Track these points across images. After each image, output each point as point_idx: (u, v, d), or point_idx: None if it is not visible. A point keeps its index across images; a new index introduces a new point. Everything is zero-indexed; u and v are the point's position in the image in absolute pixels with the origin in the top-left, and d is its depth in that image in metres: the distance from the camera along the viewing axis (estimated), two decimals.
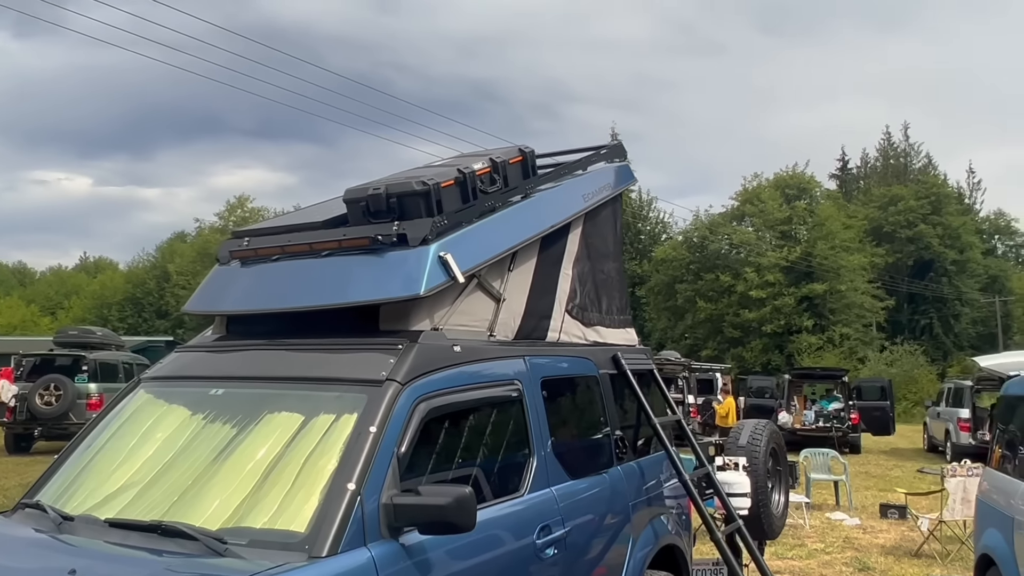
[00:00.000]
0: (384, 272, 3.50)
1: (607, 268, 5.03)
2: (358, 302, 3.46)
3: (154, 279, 60.30)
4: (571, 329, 4.59)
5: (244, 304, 3.84)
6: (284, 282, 3.72)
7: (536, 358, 4.01)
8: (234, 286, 3.90)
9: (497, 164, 4.18)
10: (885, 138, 59.57)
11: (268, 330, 3.72)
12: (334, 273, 3.60)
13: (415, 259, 3.46)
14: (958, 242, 51.42)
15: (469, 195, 3.94)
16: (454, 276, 3.48)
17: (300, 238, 3.81)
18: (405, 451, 3.01)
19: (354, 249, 3.60)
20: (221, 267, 4.01)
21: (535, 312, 4.28)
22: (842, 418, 19.70)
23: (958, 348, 50.46)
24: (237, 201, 56.85)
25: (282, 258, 3.78)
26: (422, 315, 3.52)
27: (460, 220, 3.76)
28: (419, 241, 3.50)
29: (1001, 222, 61.51)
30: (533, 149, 4.53)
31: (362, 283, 3.51)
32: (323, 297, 3.54)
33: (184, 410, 3.46)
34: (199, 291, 4.08)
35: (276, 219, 4.51)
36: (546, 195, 4.45)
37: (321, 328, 3.56)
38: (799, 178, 47.15)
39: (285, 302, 3.66)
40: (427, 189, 3.68)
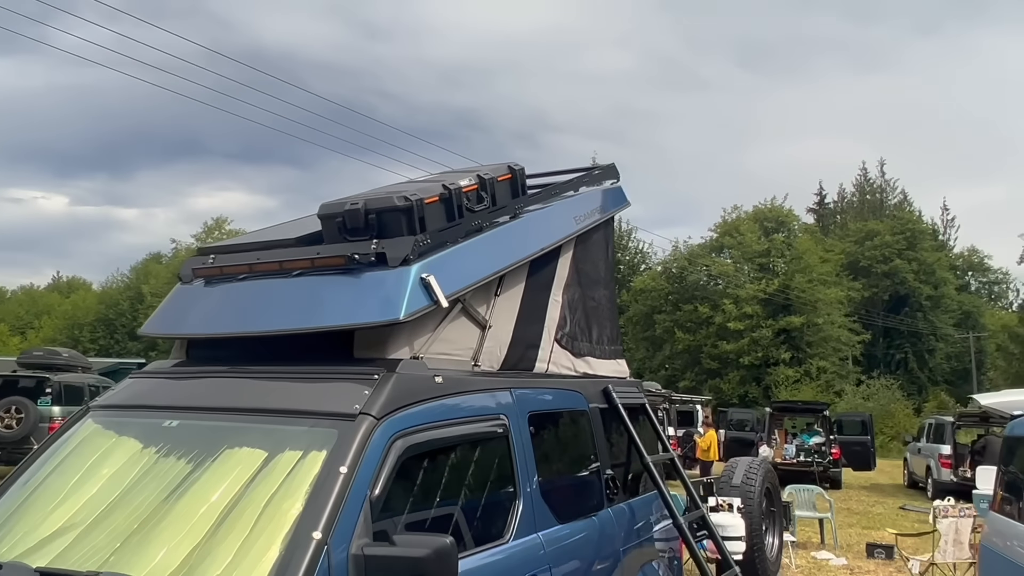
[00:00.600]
0: (360, 294, 3.21)
1: (598, 295, 4.76)
2: (330, 327, 3.17)
3: (127, 300, 59.37)
4: (560, 360, 4.30)
5: (206, 327, 3.53)
6: (250, 304, 3.43)
7: (523, 391, 3.72)
8: (196, 307, 3.60)
9: (485, 181, 3.91)
10: (862, 174, 60.27)
11: (231, 356, 3.41)
12: (305, 295, 3.30)
13: (395, 281, 3.18)
14: (933, 278, 51.90)
15: (455, 213, 3.66)
16: (437, 300, 3.19)
17: (270, 256, 3.52)
18: (379, 494, 2.69)
19: (328, 269, 3.31)
20: (183, 286, 3.72)
21: (522, 341, 3.99)
22: (823, 453, 19.47)
23: (932, 383, 50.72)
24: (215, 223, 56.29)
25: (249, 277, 3.49)
26: (401, 342, 3.22)
27: (444, 240, 3.48)
28: (399, 261, 3.21)
29: (975, 259, 62.20)
30: (523, 167, 4.27)
31: (336, 306, 3.21)
32: (292, 320, 3.25)
33: (134, 443, 3.13)
34: (158, 312, 3.78)
35: (246, 235, 4.21)
36: (536, 216, 4.19)
37: (289, 355, 3.26)
38: (777, 211, 47.44)
39: (250, 325, 3.37)
40: (409, 205, 3.40)
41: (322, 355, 3.21)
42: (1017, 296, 63.24)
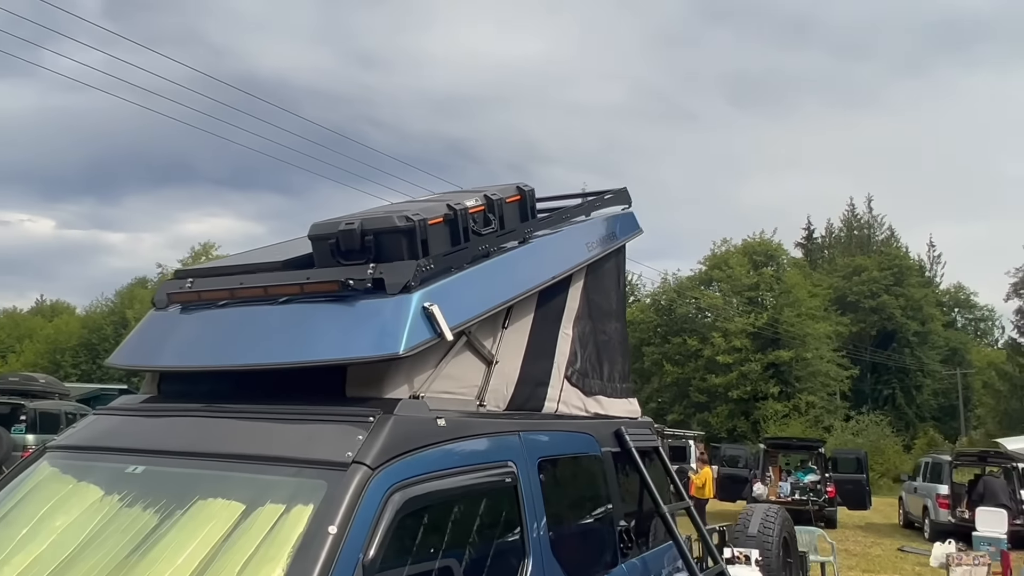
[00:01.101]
0: (355, 324, 2.86)
1: (609, 329, 4.42)
2: (320, 361, 2.81)
3: (111, 325, 58.51)
4: (570, 399, 3.95)
5: (180, 359, 3.17)
6: (231, 333, 3.08)
7: (533, 434, 3.36)
8: (170, 337, 3.25)
9: (493, 202, 3.59)
10: (849, 209, 60.50)
11: (207, 393, 3.05)
12: (293, 324, 2.95)
13: (394, 310, 2.83)
14: (920, 314, 51.99)
15: (460, 236, 3.33)
16: (441, 332, 2.84)
17: (255, 280, 3.17)
18: (373, 557, 2.32)
19: (319, 296, 2.97)
20: (156, 313, 3.37)
21: (531, 378, 3.64)
22: (819, 491, 19.10)
23: (920, 419, 50.58)
24: (202, 248, 55.58)
25: (230, 304, 3.15)
26: (399, 379, 2.87)
27: (449, 265, 3.14)
28: (399, 288, 2.87)
29: (961, 295, 62.49)
30: (533, 188, 3.95)
31: (327, 337, 2.86)
32: (277, 353, 2.90)
33: (94, 491, 2.76)
34: (128, 341, 3.42)
35: (229, 258, 3.87)
36: (546, 241, 3.85)
37: (273, 392, 2.91)
38: (766, 245, 47.39)
39: (229, 358, 3.01)
40: (411, 226, 3.07)
41: (310, 393, 2.85)
42: (1002, 333, 63.60)
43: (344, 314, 2.89)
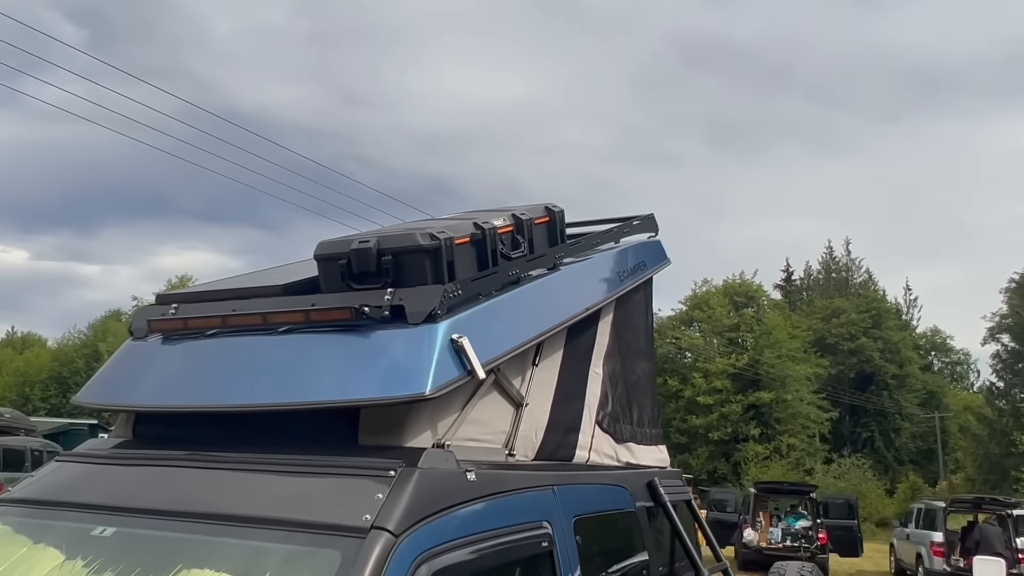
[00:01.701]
0: (370, 359, 2.46)
1: (638, 368, 4.02)
2: (329, 402, 2.41)
3: (83, 358, 57.22)
4: (602, 446, 3.53)
5: (160, 398, 2.76)
6: (221, 368, 2.67)
7: (567, 489, 2.93)
8: (149, 371, 2.83)
9: (522, 223, 3.21)
10: (827, 252, 60.82)
11: (192, 438, 2.63)
12: (296, 358, 2.55)
13: (418, 343, 2.43)
14: (898, 356, 52.11)
15: (488, 259, 2.94)
16: (472, 370, 2.44)
17: (250, 307, 2.76)
18: None
19: (327, 324, 2.57)
20: (134, 343, 2.94)
21: (561, 423, 3.23)
22: (810, 537, 18.67)
23: (899, 462, 50.43)
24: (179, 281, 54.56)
25: (222, 334, 2.74)
26: (422, 425, 2.47)
27: (477, 292, 2.75)
28: (423, 317, 2.48)
29: (937, 339, 62.82)
30: (562, 209, 3.57)
31: (336, 374, 2.46)
32: (277, 392, 2.50)
33: (52, 555, 2.31)
34: (100, 375, 3.00)
35: (219, 281, 3.44)
36: (577, 269, 3.47)
37: (272, 439, 2.50)
38: (747, 286, 47.44)
39: (220, 397, 2.62)
40: (436, 245, 2.68)
41: (317, 440, 2.45)
42: (978, 377, 63.93)
43: (357, 347, 2.49)
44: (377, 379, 2.40)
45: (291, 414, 2.51)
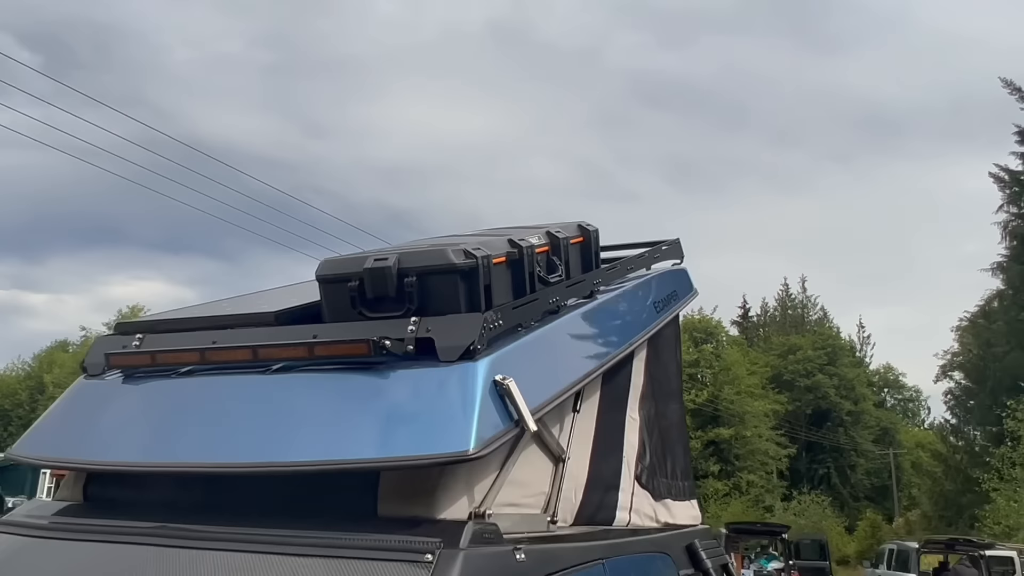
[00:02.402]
0: (393, 407, 2.02)
1: (670, 412, 3.63)
2: (341, 462, 1.93)
3: (27, 390, 55.17)
4: (642, 505, 3.12)
5: (120, 452, 2.23)
6: (201, 416, 2.19)
7: (616, 561, 2.48)
8: (106, 417, 2.33)
9: (559, 242, 2.78)
10: (784, 289, 61.46)
11: (162, 505, 2.14)
12: (295, 404, 2.09)
13: (454, 385, 2.00)
14: (852, 393, 52.70)
15: (525, 283, 2.51)
16: (520, 420, 2.02)
17: (235, 339, 2.30)
18: None
19: (336, 361, 2.11)
20: (87, 382, 2.43)
21: (600, 480, 2.78)
22: None
23: (854, 499, 50.74)
24: (130, 311, 52.87)
25: (199, 371, 2.26)
26: (457, 489, 1.98)
27: (516, 323, 2.32)
28: (459, 352, 2.04)
29: (890, 376, 63.73)
30: (597, 229, 3.19)
31: (349, 425, 2.01)
32: (272, 448, 2.00)
33: None
34: (44, 421, 2.46)
35: (190, 308, 2.93)
36: (616, 299, 3.04)
37: (265, 508, 2.03)
38: (706, 322, 47.64)
39: (199, 454, 2.10)
40: (472, 265, 2.24)
41: (323, 510, 1.99)
42: (928, 414, 64.94)
43: (375, 390, 2.05)
44: (404, 432, 1.95)
45: (290, 477, 2.01)
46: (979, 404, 39.18)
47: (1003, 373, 36.03)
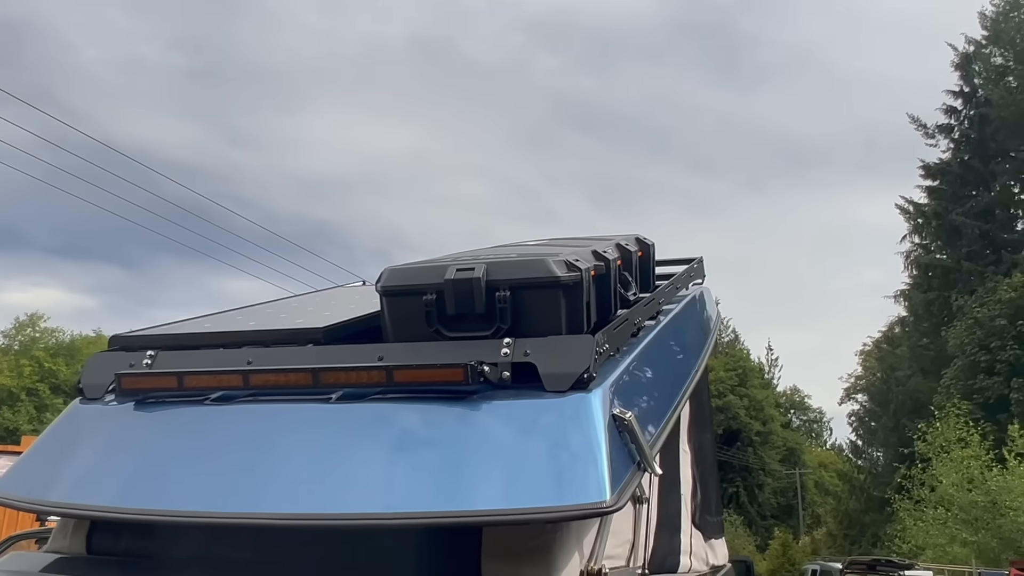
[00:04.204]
0: (500, 447, 1.72)
1: (707, 443, 3.41)
2: (444, 516, 1.59)
3: None
4: (697, 548, 2.89)
5: (139, 496, 1.80)
6: (243, 454, 1.83)
7: None
8: (116, 452, 1.95)
9: (631, 256, 2.55)
10: None
11: (194, 563, 1.80)
12: (372, 442, 1.77)
13: (571, 421, 1.72)
14: (762, 414, 54.07)
15: (611, 301, 2.27)
16: (645, 461, 1.75)
17: (279, 358, 1.96)
18: None
19: (417, 388, 1.80)
20: (86, 406, 2.06)
21: (666, 522, 2.56)
22: None
23: (761, 517, 51.95)
24: (28, 319, 49.89)
25: (235, 399, 1.91)
26: (571, 545, 1.71)
27: (616, 345, 2.05)
28: (570, 381, 1.76)
29: (796, 397, 65.79)
30: (654, 243, 2.94)
31: (447, 470, 1.69)
32: (343, 497, 1.67)
33: None
34: (33, 453, 2.06)
35: (203, 319, 2.56)
36: (678, 320, 2.80)
37: (325, 568, 1.73)
38: None
39: (245, 502, 1.71)
40: (576, 279, 1.98)
41: (400, 572, 1.69)
42: (831, 435, 67.36)
43: (473, 426, 1.75)
44: (519, 478, 1.64)
45: (365, 532, 1.70)
46: (882, 426, 40.73)
47: (905, 396, 37.57)
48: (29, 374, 43.87)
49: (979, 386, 29.18)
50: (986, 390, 28.97)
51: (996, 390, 28.80)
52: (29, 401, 43.41)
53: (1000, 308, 29.57)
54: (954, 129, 37.76)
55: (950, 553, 20.78)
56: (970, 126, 37.04)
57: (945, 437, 23.98)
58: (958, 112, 37.55)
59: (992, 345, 29.30)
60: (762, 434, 53.74)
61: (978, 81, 37.07)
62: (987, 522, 20.15)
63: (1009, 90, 34.75)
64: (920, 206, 38.28)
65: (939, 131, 37.75)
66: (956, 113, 37.61)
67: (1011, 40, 35.23)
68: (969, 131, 37.05)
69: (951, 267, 35.95)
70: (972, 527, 20.48)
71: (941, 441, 23.95)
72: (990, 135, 35.74)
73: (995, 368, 29.13)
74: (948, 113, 37.64)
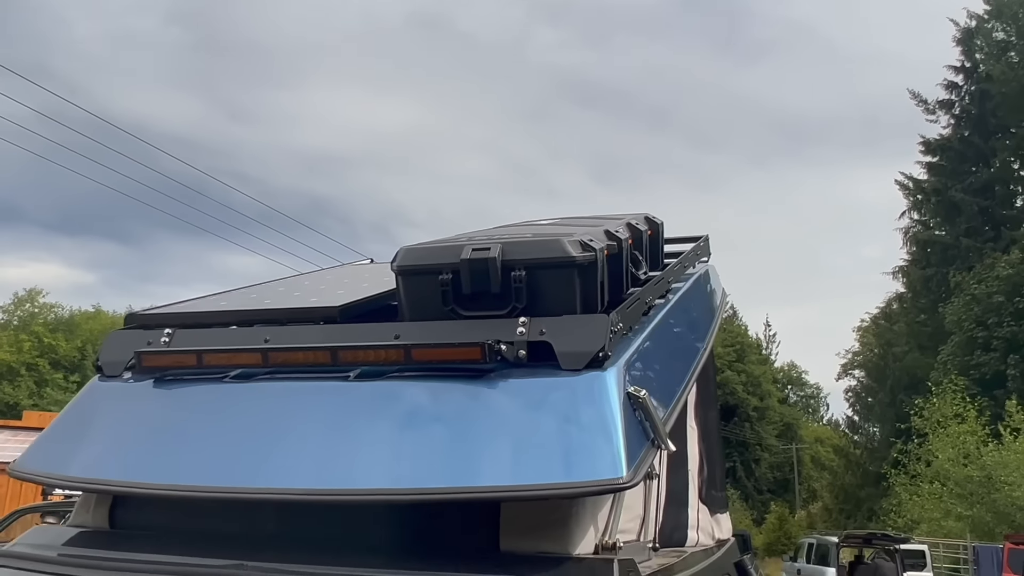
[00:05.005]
0: (516, 425, 1.73)
1: (712, 419, 3.46)
2: (454, 491, 1.63)
3: None
4: (704, 523, 2.94)
5: (163, 472, 1.83)
6: (266, 430, 1.84)
7: None
8: (137, 427, 1.97)
9: (641, 235, 2.56)
10: None
11: (218, 538, 1.80)
12: (392, 419, 1.79)
13: (586, 399, 1.73)
14: (759, 389, 54.33)
15: (623, 280, 2.29)
16: (659, 439, 1.77)
17: (297, 336, 2.00)
18: None
19: (436, 366, 1.83)
20: (105, 384, 2.09)
21: (674, 497, 2.59)
22: None
23: (758, 492, 52.39)
24: (27, 294, 49.88)
25: (254, 377, 1.94)
26: (586, 520, 1.74)
27: (629, 324, 2.05)
28: (586, 360, 1.78)
29: (793, 373, 66.07)
30: (663, 222, 2.96)
31: (466, 447, 1.71)
32: (361, 472, 1.70)
33: None
34: (53, 430, 2.08)
35: (218, 297, 2.58)
36: (686, 298, 2.79)
37: (354, 543, 1.72)
38: None
39: (270, 477, 1.73)
40: (591, 259, 1.98)
41: (427, 545, 1.71)
42: (827, 410, 67.76)
43: (490, 403, 1.77)
44: (536, 455, 1.65)
45: (386, 507, 1.72)
46: (879, 401, 40.98)
47: (902, 372, 37.77)
48: (28, 349, 43.98)
49: (976, 362, 29.35)
50: (983, 366, 29.15)
51: (993, 366, 28.97)
52: (29, 376, 43.55)
53: (998, 284, 29.69)
54: (955, 105, 37.69)
55: (945, 527, 20.98)
56: (971, 102, 36.96)
57: (942, 413, 24.13)
58: (959, 88, 37.46)
59: (989, 321, 29.45)
60: (759, 409, 54.06)
61: (979, 56, 36.94)
62: (982, 496, 20.34)
63: (1011, 65, 34.63)
64: (920, 182, 38.29)
65: (940, 107, 37.71)
66: (957, 89, 37.52)
67: (1013, 15, 35.06)
68: (970, 107, 36.98)
69: (950, 243, 36.02)
70: (967, 501, 20.67)
71: (938, 417, 24.11)
72: (991, 111, 35.67)
73: (992, 344, 29.30)
74: (949, 88, 37.56)
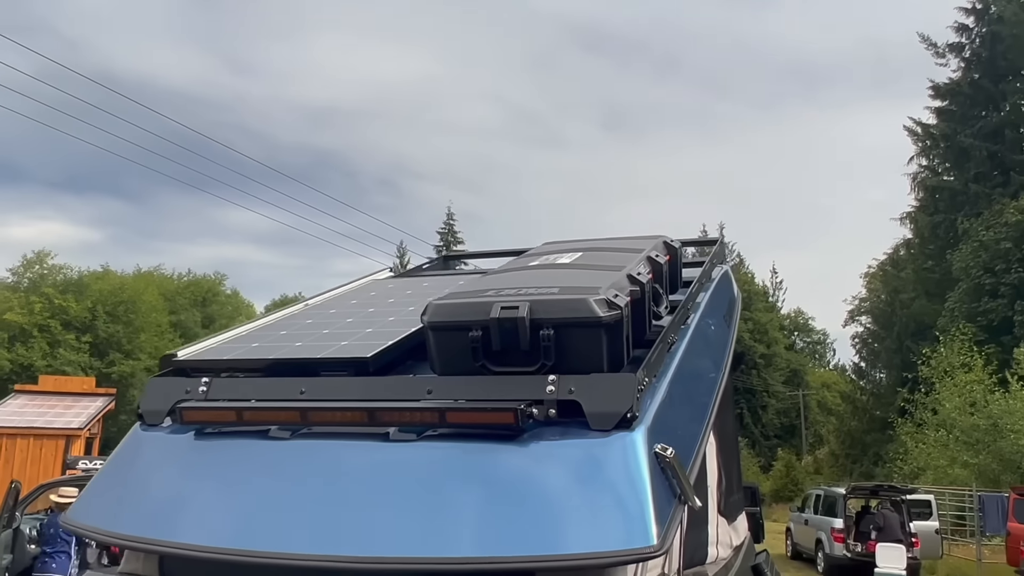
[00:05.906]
0: (547, 490, 1.79)
1: (728, 422, 3.53)
2: (487, 561, 1.69)
3: None
4: (723, 536, 3.02)
5: (206, 536, 1.90)
6: (306, 492, 1.92)
7: None
8: (182, 483, 2.07)
9: (662, 269, 2.61)
10: (703, 235, 62.63)
11: None
12: (427, 484, 1.86)
13: (616, 463, 1.80)
14: (766, 337, 54.51)
15: (645, 323, 2.34)
16: (685, 496, 1.85)
17: (331, 389, 2.09)
18: None
19: (467, 428, 1.90)
20: (146, 433, 2.17)
21: (695, 520, 2.67)
22: None
23: (765, 438, 52.92)
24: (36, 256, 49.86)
25: (295, 431, 2.02)
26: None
27: (654, 373, 2.12)
28: (614, 421, 1.84)
29: (800, 320, 66.18)
30: (681, 243, 3.00)
31: (499, 514, 1.78)
32: (402, 541, 1.76)
33: None
34: (100, 482, 2.18)
35: (252, 331, 2.64)
36: (704, 321, 2.84)
37: None
38: None
39: (313, 543, 1.80)
40: (617, 317, 2.04)
41: None
42: (834, 355, 68.06)
43: (520, 468, 1.84)
44: (566, 523, 1.71)
45: None
46: (885, 348, 41.09)
47: (909, 319, 37.81)
48: (39, 311, 44.23)
49: (983, 309, 29.35)
50: (990, 312, 29.14)
51: (1000, 313, 28.98)
52: (42, 337, 43.89)
53: (1006, 231, 29.52)
54: (965, 48, 37.02)
55: (951, 475, 21.21)
56: (981, 44, 36.29)
57: (949, 362, 24.22)
58: (969, 30, 36.76)
59: (997, 268, 29.35)
60: (766, 356, 54.30)
61: None
62: (988, 444, 20.52)
63: (1022, 6, 33.94)
64: (928, 127, 37.83)
65: (949, 50, 37.04)
66: (967, 31, 36.82)
67: None
68: (980, 49, 36.32)
69: (958, 189, 35.72)
70: (973, 449, 20.86)
71: (945, 366, 24.20)
72: (1001, 53, 35.04)
73: (999, 291, 29.25)
74: (959, 31, 36.87)
